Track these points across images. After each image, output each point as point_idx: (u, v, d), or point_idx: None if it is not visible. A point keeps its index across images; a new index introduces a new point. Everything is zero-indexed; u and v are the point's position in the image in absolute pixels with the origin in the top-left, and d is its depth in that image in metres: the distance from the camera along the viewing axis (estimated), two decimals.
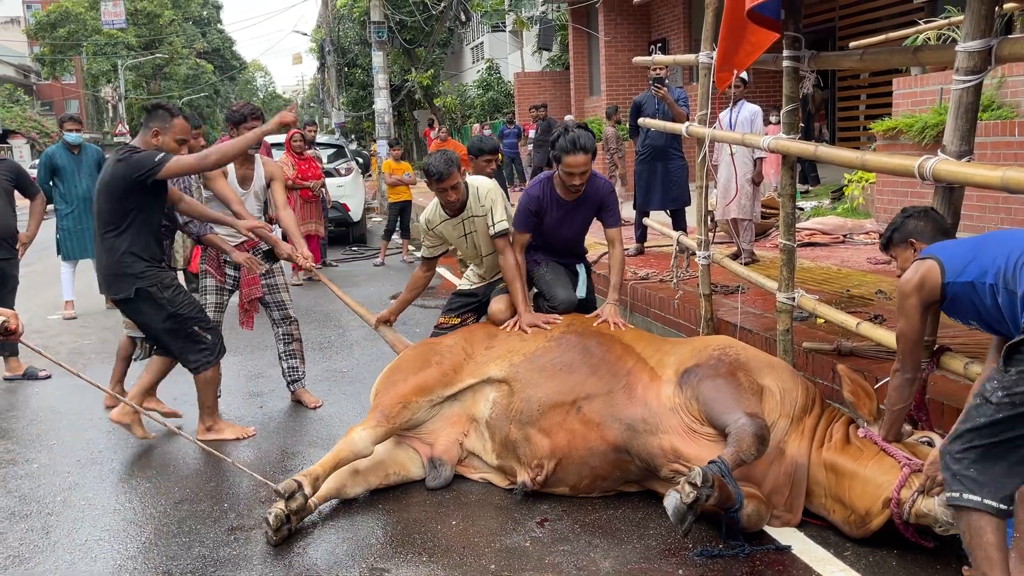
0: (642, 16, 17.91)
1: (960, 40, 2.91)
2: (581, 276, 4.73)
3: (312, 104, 62.01)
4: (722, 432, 3.31)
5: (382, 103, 18.74)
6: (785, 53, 3.92)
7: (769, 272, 5.20)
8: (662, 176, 7.67)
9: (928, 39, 7.78)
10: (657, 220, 7.23)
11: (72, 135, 7.84)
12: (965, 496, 2.49)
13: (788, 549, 3.16)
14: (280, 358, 5.26)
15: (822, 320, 4.50)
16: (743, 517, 3.15)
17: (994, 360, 2.72)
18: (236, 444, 4.56)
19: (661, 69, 7.55)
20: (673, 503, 2.97)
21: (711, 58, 4.32)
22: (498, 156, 6.01)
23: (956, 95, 2.94)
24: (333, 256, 11.37)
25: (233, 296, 5.19)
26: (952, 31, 7.14)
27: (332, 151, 13.62)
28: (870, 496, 3.10)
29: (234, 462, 3.77)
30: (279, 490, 3.34)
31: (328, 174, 11.29)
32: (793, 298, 4.12)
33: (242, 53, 66.78)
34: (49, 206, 7.29)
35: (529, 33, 24.68)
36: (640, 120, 6.60)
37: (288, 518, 3.35)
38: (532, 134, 14.85)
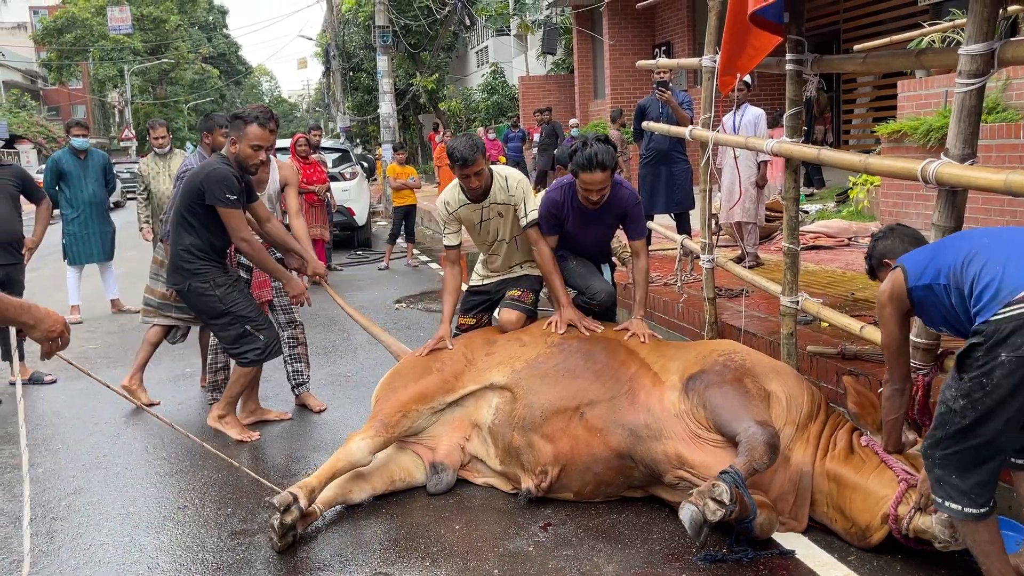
0: (646, 20, 17.92)
1: (963, 43, 2.91)
2: (605, 275, 4.65)
3: (317, 108, 62.24)
4: (730, 439, 3.29)
5: (387, 107, 18.82)
6: (788, 56, 3.91)
7: (773, 276, 5.17)
8: (666, 179, 7.67)
9: (932, 42, 7.76)
10: (661, 223, 7.23)
11: (79, 140, 7.87)
12: (947, 504, 2.54)
13: (792, 554, 3.15)
14: (285, 362, 5.27)
15: (826, 324, 4.49)
16: (756, 527, 3.12)
17: None
18: (240, 447, 4.58)
19: (665, 73, 7.55)
20: (690, 516, 2.93)
21: (715, 62, 4.31)
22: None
23: (959, 98, 2.93)
24: (338, 260, 11.39)
25: None
26: (956, 34, 7.12)
27: (337, 155, 13.63)
28: (870, 510, 3.09)
29: (240, 466, 3.78)
30: (274, 503, 3.31)
31: (333, 178, 11.30)
32: (797, 302, 4.11)
33: (248, 58, 67.33)
34: (55, 211, 7.33)
35: (533, 37, 24.72)
36: (644, 124, 6.59)
37: (293, 525, 3.34)
38: (536, 138, 14.84)
